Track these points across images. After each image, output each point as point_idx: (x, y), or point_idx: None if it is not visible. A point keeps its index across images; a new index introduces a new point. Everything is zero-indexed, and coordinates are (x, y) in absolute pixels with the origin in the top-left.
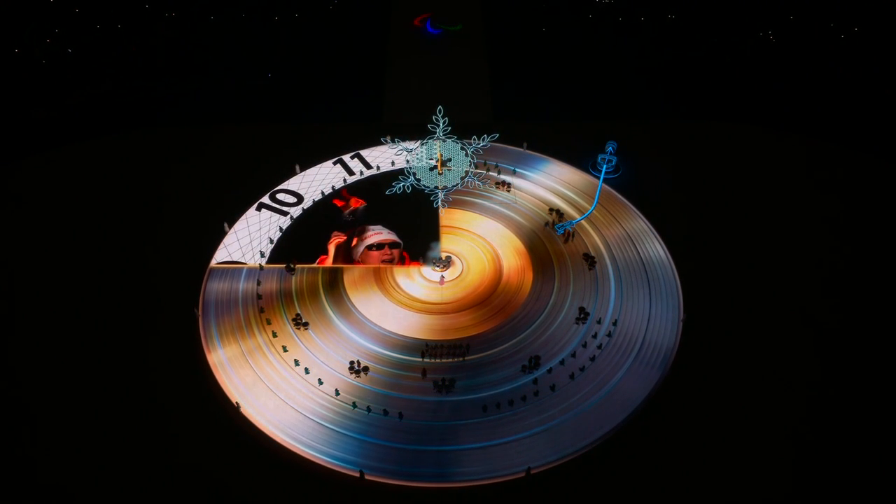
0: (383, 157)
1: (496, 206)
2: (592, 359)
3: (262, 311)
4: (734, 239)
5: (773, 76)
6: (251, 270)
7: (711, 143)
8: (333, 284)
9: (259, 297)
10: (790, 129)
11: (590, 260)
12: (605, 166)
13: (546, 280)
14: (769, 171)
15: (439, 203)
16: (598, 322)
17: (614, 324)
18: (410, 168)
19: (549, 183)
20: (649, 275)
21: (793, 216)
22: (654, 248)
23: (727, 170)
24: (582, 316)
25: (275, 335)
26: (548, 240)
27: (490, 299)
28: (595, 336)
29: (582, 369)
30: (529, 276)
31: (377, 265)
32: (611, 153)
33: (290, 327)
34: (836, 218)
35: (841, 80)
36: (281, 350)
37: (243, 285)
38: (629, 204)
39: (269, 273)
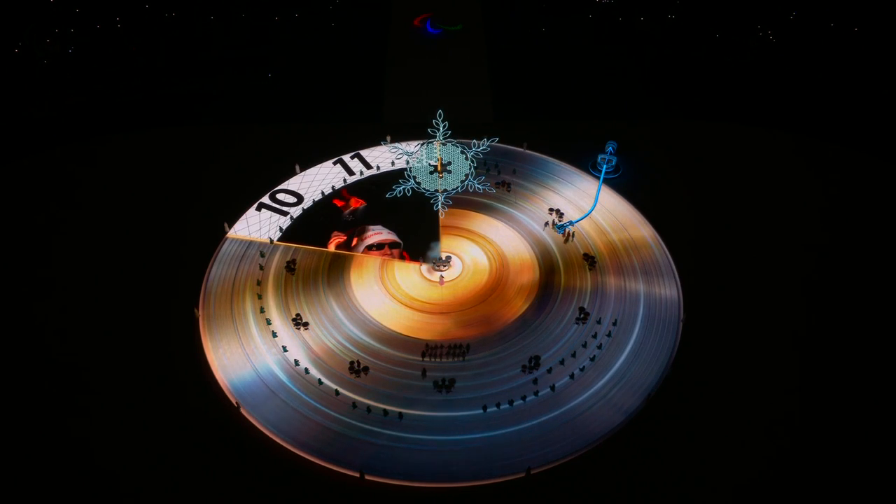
0: (383, 157)
1: (496, 206)
2: (593, 359)
3: (262, 310)
4: (734, 238)
5: (773, 76)
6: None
7: (712, 143)
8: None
9: (259, 287)
10: (791, 129)
11: (590, 260)
12: (605, 166)
13: (546, 280)
14: (769, 171)
15: (439, 207)
16: (598, 322)
17: (614, 324)
18: (410, 171)
19: (549, 183)
20: (650, 274)
21: (793, 216)
22: (655, 247)
23: (728, 170)
24: (582, 316)
25: (275, 335)
26: (548, 240)
27: (490, 299)
28: (595, 336)
29: (582, 369)
30: (529, 276)
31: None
32: (611, 153)
33: (290, 327)
34: (838, 218)
35: (841, 81)
36: (281, 350)
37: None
38: (629, 204)
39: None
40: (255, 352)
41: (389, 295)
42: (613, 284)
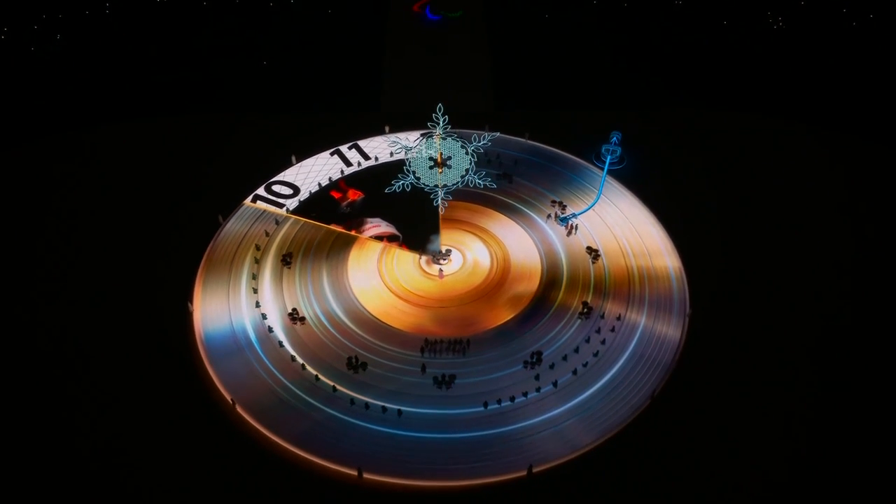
0: (381, 147)
1: (497, 198)
2: (596, 354)
3: (257, 304)
4: (740, 231)
5: (782, 63)
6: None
7: (719, 132)
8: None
9: (255, 281)
10: (799, 118)
11: (593, 253)
12: (609, 157)
13: (548, 273)
14: (778, 162)
15: (439, 202)
16: (602, 317)
17: (618, 318)
18: (409, 166)
19: (551, 174)
20: (654, 267)
21: (801, 206)
22: (659, 240)
23: (734, 160)
24: (585, 310)
25: (270, 330)
26: (550, 232)
27: (491, 293)
28: (598, 331)
29: (585, 365)
30: (531, 270)
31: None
32: (615, 143)
33: (286, 322)
34: (849, 211)
35: (853, 69)
36: (277, 345)
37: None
38: (633, 196)
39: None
40: (251, 348)
41: (388, 290)
42: (617, 278)
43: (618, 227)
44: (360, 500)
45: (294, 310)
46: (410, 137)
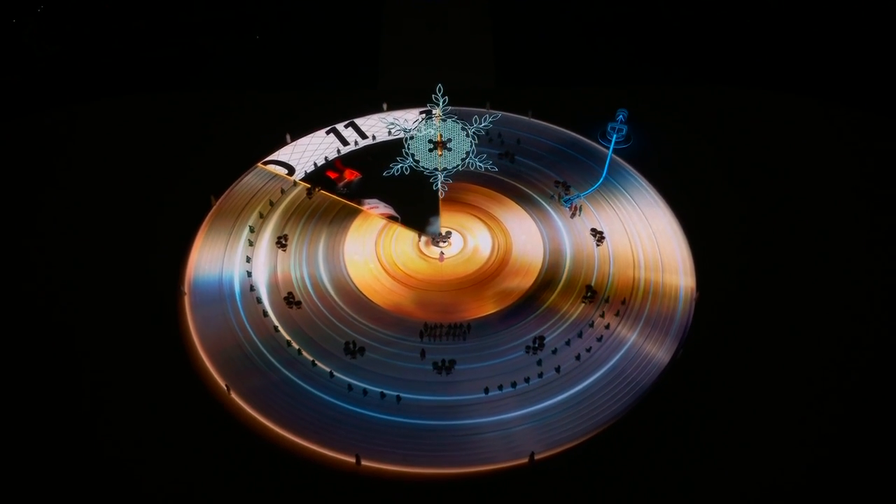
0: (379, 125)
1: (500, 178)
2: (599, 339)
3: (252, 289)
4: (751, 213)
5: (797, 37)
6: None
7: (730, 110)
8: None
9: (249, 264)
10: (814, 94)
11: (598, 235)
12: (615, 136)
13: (552, 257)
14: (791, 141)
15: (439, 186)
16: (607, 301)
17: (623, 303)
18: (408, 149)
19: (555, 154)
20: (661, 250)
21: (816, 186)
22: (666, 222)
23: (746, 139)
24: (589, 294)
25: (265, 314)
26: (553, 214)
27: (492, 277)
28: (603, 315)
29: (588, 350)
30: (534, 253)
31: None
32: (621, 122)
33: (282, 306)
34: (868, 193)
35: (868, 43)
36: (272, 330)
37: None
38: (640, 176)
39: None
40: (245, 332)
41: (386, 273)
42: (622, 261)
43: (623, 210)
44: (358, 488)
45: (290, 293)
46: (409, 116)
